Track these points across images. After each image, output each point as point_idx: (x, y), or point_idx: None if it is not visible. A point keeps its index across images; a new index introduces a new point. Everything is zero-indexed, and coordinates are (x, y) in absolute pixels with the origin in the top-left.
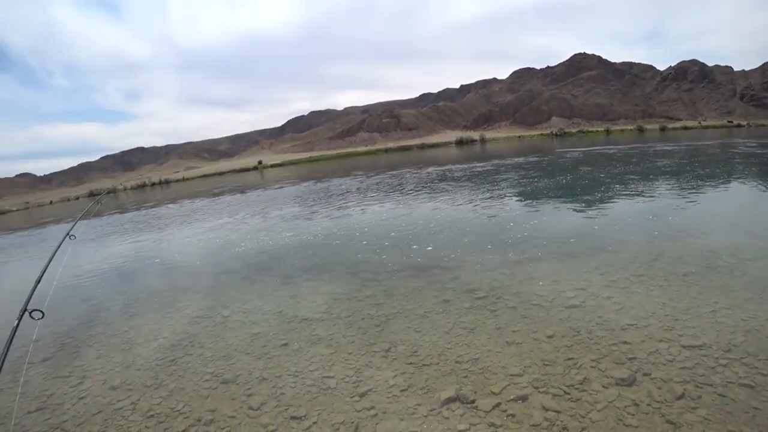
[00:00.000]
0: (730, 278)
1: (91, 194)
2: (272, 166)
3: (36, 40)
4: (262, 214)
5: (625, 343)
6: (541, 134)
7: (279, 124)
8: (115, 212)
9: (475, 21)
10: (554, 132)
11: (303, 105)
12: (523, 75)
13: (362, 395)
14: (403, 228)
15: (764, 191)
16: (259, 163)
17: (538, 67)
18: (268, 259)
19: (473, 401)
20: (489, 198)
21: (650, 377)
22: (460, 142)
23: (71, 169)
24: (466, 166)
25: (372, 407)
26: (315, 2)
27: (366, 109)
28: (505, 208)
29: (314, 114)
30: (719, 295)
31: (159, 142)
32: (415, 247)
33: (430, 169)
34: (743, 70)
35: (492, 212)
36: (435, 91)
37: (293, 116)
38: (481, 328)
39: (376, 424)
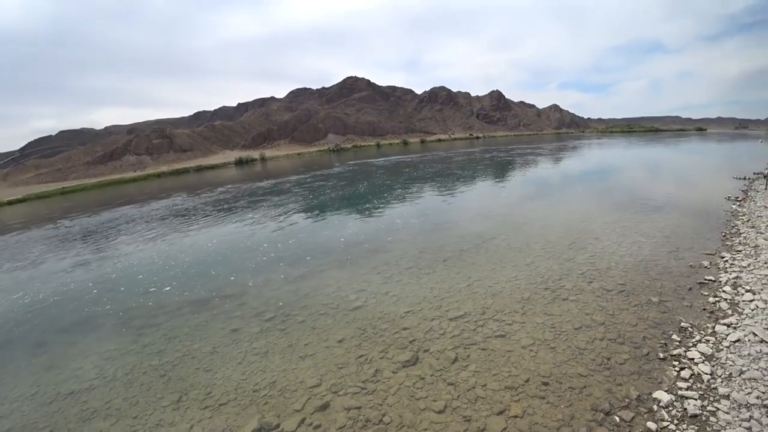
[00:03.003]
0: (478, 256)
1: None
2: (10, 203)
3: None
4: (4, 269)
5: (405, 329)
6: (319, 150)
7: (17, 146)
8: None
9: (253, 40)
10: (331, 148)
11: (49, 123)
12: (300, 94)
13: None
14: (179, 261)
15: (496, 183)
16: None
17: (315, 87)
18: (9, 327)
19: (278, 426)
20: (270, 217)
21: (429, 352)
22: (240, 162)
23: None
24: (245, 186)
25: None
26: None
27: (132, 129)
28: (286, 225)
29: (65, 134)
30: (471, 271)
31: None
32: (195, 279)
33: (209, 193)
34: (477, 95)
35: (274, 230)
36: (211, 109)
37: (37, 137)
38: (274, 349)
39: None
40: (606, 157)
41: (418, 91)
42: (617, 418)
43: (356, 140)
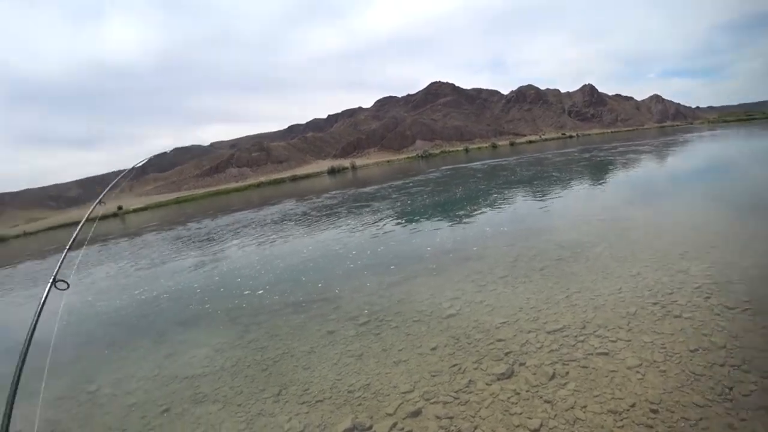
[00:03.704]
0: (577, 265)
1: None
2: (135, 210)
3: None
4: (130, 266)
5: (500, 340)
6: (408, 157)
7: (140, 163)
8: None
9: (338, 53)
10: (420, 154)
11: (166, 141)
12: (386, 103)
13: None
14: (280, 264)
15: (594, 187)
16: (119, 208)
17: (400, 95)
18: (138, 318)
19: (370, 427)
20: (361, 224)
21: (525, 366)
22: (332, 171)
23: None
24: (337, 193)
25: None
26: (172, 27)
27: (234, 144)
28: (380, 231)
29: (178, 151)
30: (570, 281)
31: None
32: (294, 282)
33: (304, 201)
34: (568, 92)
35: (368, 236)
36: (303, 122)
37: (156, 154)
38: (368, 353)
39: None
40: (722, 151)
41: (505, 91)
42: None
43: (444, 145)
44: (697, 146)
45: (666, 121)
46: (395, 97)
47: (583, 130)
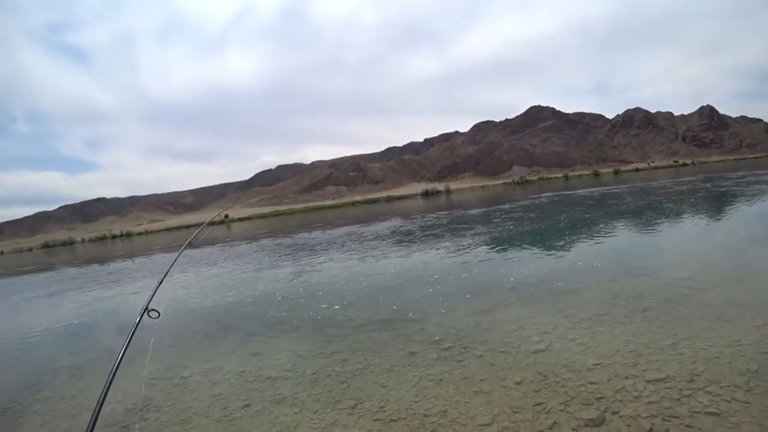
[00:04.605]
0: (687, 309)
1: (46, 245)
2: (239, 219)
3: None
4: (228, 270)
5: (591, 383)
6: (504, 183)
7: (247, 177)
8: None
9: (437, 77)
10: (516, 180)
11: (271, 159)
12: (483, 127)
13: None
14: (368, 281)
15: (710, 222)
16: (226, 216)
17: (497, 120)
18: (231, 317)
19: None
20: (452, 248)
21: (618, 415)
22: (426, 194)
23: (25, 219)
24: (433, 216)
25: None
26: (282, 57)
27: (333, 163)
28: (471, 256)
29: (282, 168)
30: (678, 326)
31: (122, 193)
32: (380, 300)
33: (396, 221)
34: (682, 114)
35: (458, 261)
36: (400, 144)
37: (261, 170)
38: (449, 378)
39: None
40: None
41: (610, 115)
42: None
43: (542, 172)
44: None
45: None
46: (493, 121)
47: (699, 157)
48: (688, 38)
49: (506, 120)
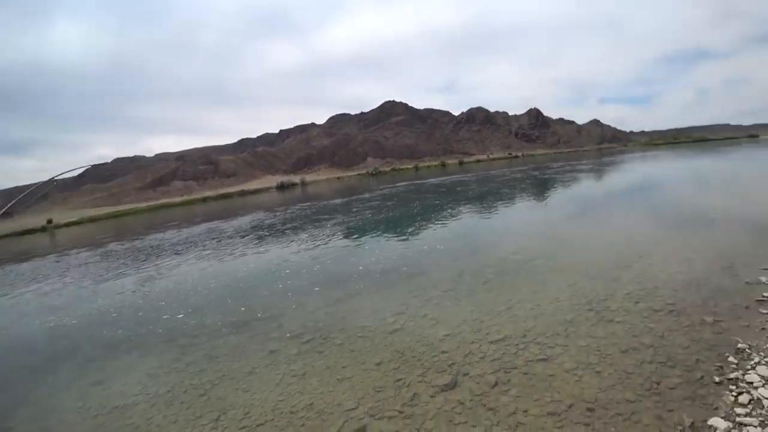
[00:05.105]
0: (518, 277)
1: None
2: (67, 224)
3: None
4: (58, 286)
5: (443, 352)
6: (359, 174)
7: (76, 173)
8: None
9: (293, 69)
10: (370, 171)
11: (106, 151)
12: (339, 120)
13: None
14: (218, 282)
15: (536, 202)
16: (49, 222)
17: (353, 113)
18: (60, 344)
19: None
20: (306, 241)
21: (468, 376)
22: (282, 187)
23: None
24: (284, 209)
25: None
26: (122, 30)
27: (181, 156)
28: (325, 248)
29: (120, 161)
30: (511, 293)
31: None
32: (231, 301)
33: (250, 216)
34: (515, 114)
35: (313, 254)
36: (254, 136)
37: (94, 164)
38: (312, 371)
39: None
40: (649, 171)
41: (456, 112)
42: None
43: (395, 163)
44: (627, 167)
45: (603, 144)
46: (348, 114)
47: (528, 150)
48: (522, 51)
49: (361, 113)
